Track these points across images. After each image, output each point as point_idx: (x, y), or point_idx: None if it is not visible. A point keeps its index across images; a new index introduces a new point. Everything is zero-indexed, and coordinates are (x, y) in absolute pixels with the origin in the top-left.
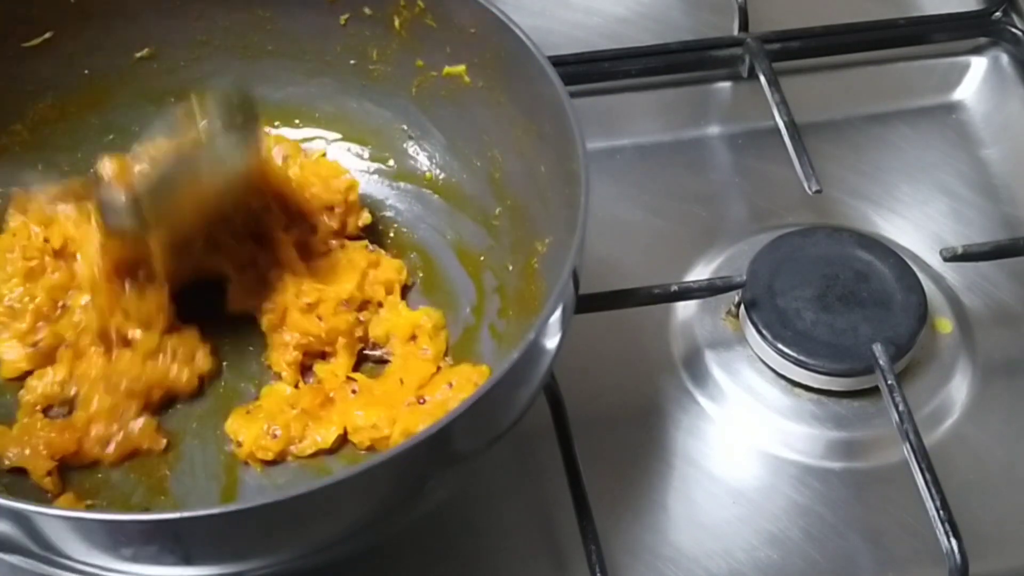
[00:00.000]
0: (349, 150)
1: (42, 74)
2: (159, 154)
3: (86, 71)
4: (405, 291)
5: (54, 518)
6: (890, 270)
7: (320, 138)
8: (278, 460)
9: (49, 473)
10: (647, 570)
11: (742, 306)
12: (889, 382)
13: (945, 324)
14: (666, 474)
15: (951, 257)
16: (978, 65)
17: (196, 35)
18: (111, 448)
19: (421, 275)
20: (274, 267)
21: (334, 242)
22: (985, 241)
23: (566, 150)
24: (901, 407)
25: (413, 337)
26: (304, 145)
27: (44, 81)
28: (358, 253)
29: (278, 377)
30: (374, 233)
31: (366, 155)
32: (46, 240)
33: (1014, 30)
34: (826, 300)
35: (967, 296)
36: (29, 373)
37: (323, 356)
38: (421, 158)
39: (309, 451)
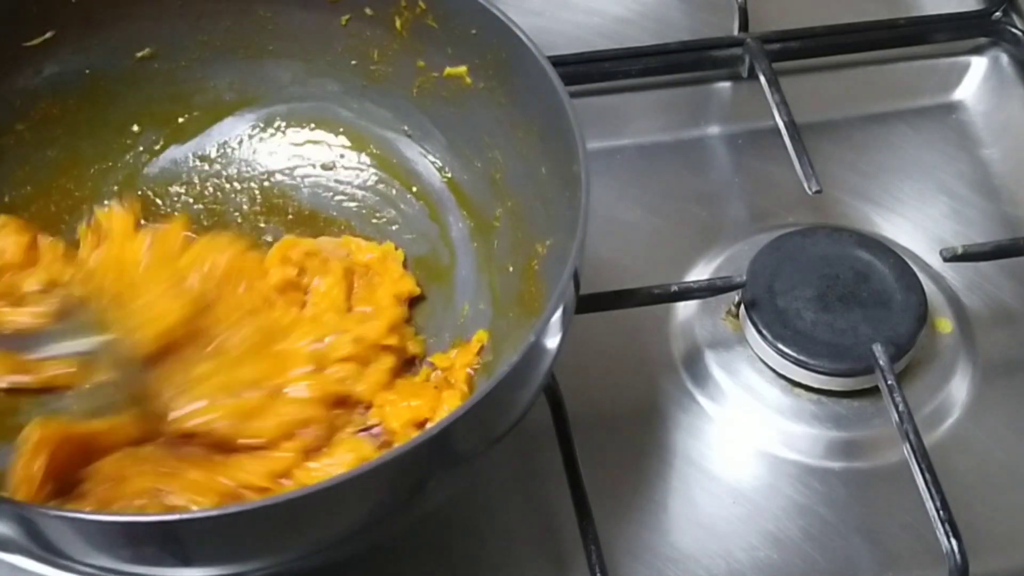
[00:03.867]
0: (349, 151)
1: (43, 73)
2: None
3: (87, 71)
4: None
5: (54, 518)
6: (890, 270)
7: (324, 142)
8: None
9: None
10: (647, 570)
11: (742, 306)
12: (889, 382)
13: (945, 324)
14: (666, 474)
15: (951, 257)
16: (978, 65)
17: (197, 35)
18: None
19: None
20: None
21: None
22: (985, 241)
23: (567, 151)
24: (901, 407)
25: None
26: (305, 146)
27: (45, 80)
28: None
29: None
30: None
31: (366, 156)
32: None
33: (1014, 30)
34: (826, 300)
35: (967, 296)
36: None
37: None
38: (421, 159)
39: None
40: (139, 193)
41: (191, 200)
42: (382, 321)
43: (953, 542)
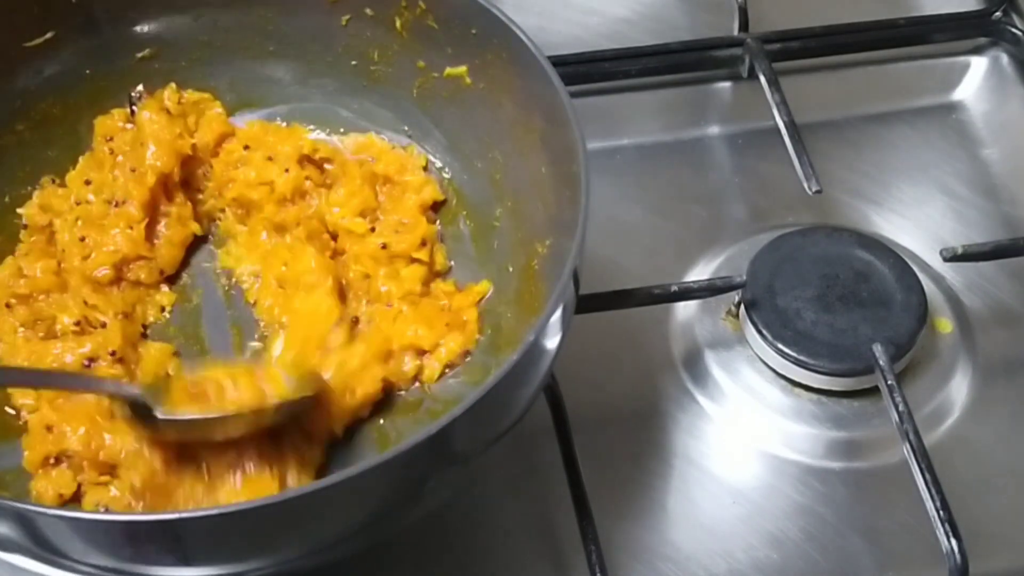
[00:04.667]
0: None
1: (44, 74)
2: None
3: (88, 71)
4: None
5: (54, 518)
6: (890, 270)
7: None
8: None
9: None
10: (647, 570)
11: (742, 306)
12: (889, 382)
13: (945, 324)
14: (666, 474)
15: (951, 257)
16: (978, 65)
17: (198, 35)
18: None
19: None
20: None
21: None
22: (985, 241)
23: (566, 151)
24: (901, 407)
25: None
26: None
27: (46, 81)
28: None
29: None
30: None
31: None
32: None
33: (1014, 30)
34: (826, 300)
35: (967, 296)
36: None
37: None
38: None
39: None
40: None
41: None
42: (414, 235)
43: (953, 542)
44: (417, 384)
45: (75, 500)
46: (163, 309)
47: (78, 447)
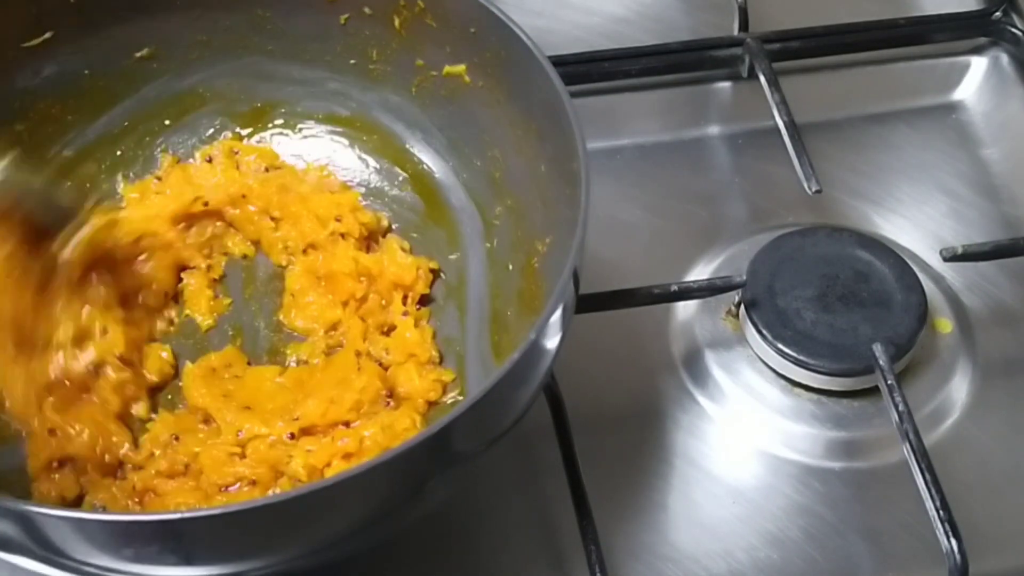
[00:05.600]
0: (348, 149)
1: (43, 74)
2: None
3: (86, 71)
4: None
5: (54, 518)
6: (890, 270)
7: (323, 140)
8: None
9: None
10: (647, 570)
11: (742, 306)
12: (889, 382)
13: (945, 324)
14: (666, 474)
15: (951, 257)
16: (978, 65)
17: (196, 35)
18: None
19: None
20: None
21: None
22: (985, 241)
23: (566, 150)
24: (901, 407)
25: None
26: (304, 145)
27: (44, 81)
28: None
29: None
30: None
31: (366, 156)
32: None
33: (1014, 30)
34: (826, 300)
35: (967, 296)
36: None
37: None
38: (421, 158)
39: None
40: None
41: None
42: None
43: (953, 542)
44: None
45: (77, 502)
46: (171, 322)
47: (82, 450)
